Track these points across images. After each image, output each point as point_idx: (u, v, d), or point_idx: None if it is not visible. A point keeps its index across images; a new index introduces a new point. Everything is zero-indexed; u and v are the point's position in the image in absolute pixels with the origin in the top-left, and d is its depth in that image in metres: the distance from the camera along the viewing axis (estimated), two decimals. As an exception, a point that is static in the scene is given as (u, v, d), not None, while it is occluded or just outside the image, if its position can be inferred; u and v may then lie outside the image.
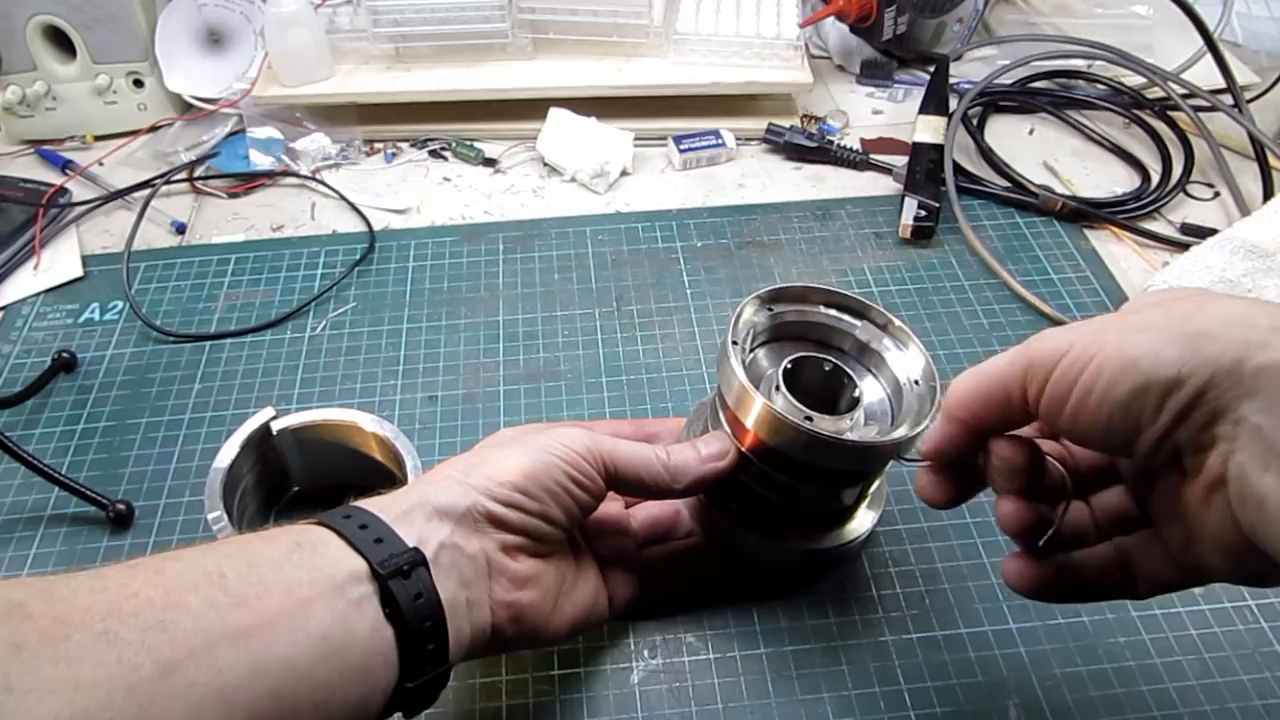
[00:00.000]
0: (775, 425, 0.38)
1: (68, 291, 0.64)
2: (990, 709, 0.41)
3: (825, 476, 0.40)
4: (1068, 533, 0.34)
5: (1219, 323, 0.27)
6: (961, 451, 0.33)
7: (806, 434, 0.37)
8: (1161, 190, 0.69)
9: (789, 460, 0.39)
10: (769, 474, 0.40)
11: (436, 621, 0.33)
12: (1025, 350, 0.30)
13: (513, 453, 0.37)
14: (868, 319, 0.43)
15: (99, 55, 0.74)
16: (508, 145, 0.76)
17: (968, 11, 0.83)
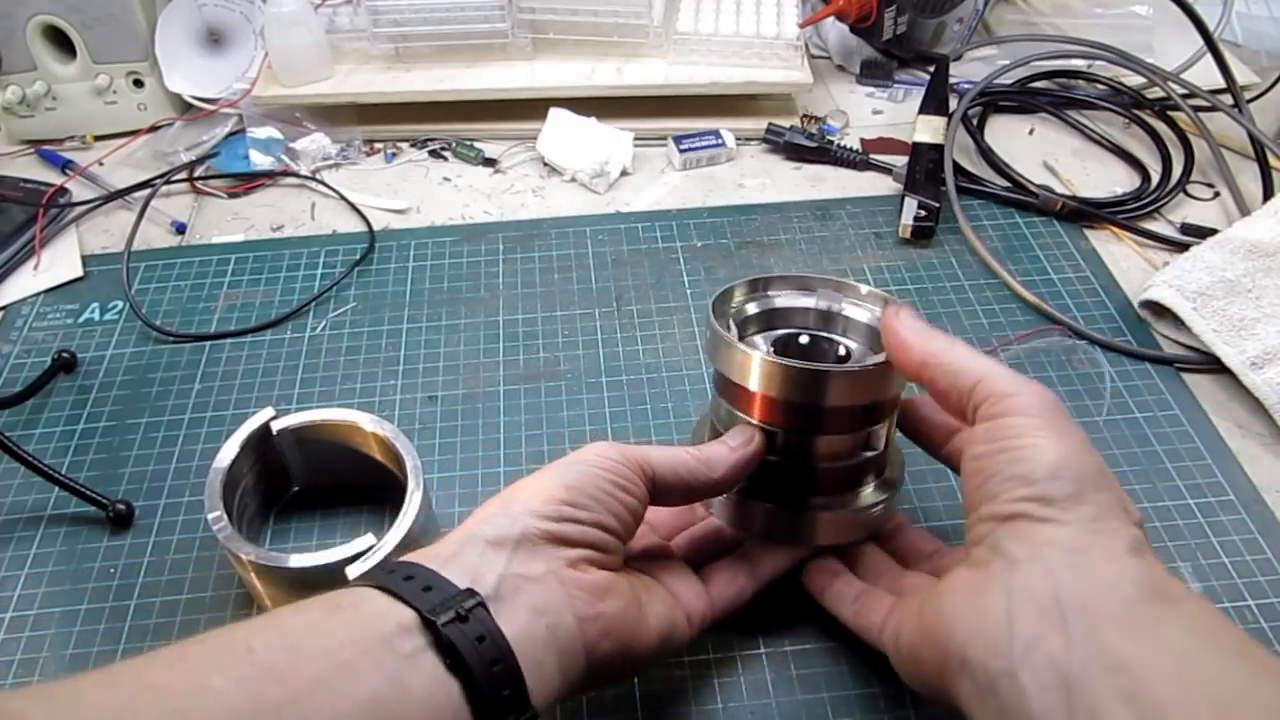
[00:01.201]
0: (783, 374, 0.39)
1: (68, 291, 0.64)
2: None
3: (841, 418, 0.40)
4: None
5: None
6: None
7: (811, 372, 0.38)
8: (1161, 190, 0.69)
9: (803, 412, 0.40)
10: (789, 437, 0.41)
11: (507, 664, 0.29)
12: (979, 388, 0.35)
13: (547, 474, 0.36)
14: (820, 291, 0.45)
15: (99, 55, 0.74)
16: (508, 145, 0.76)
17: (968, 11, 0.83)
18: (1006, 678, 0.29)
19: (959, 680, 0.31)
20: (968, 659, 0.30)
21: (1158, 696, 0.26)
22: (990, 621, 0.30)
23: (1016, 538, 0.31)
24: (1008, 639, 0.29)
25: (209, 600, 0.46)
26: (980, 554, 0.32)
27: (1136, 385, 0.55)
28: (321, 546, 0.41)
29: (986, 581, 0.31)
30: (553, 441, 0.53)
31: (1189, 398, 0.55)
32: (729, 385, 0.41)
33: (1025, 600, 0.29)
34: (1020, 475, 0.31)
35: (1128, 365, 0.57)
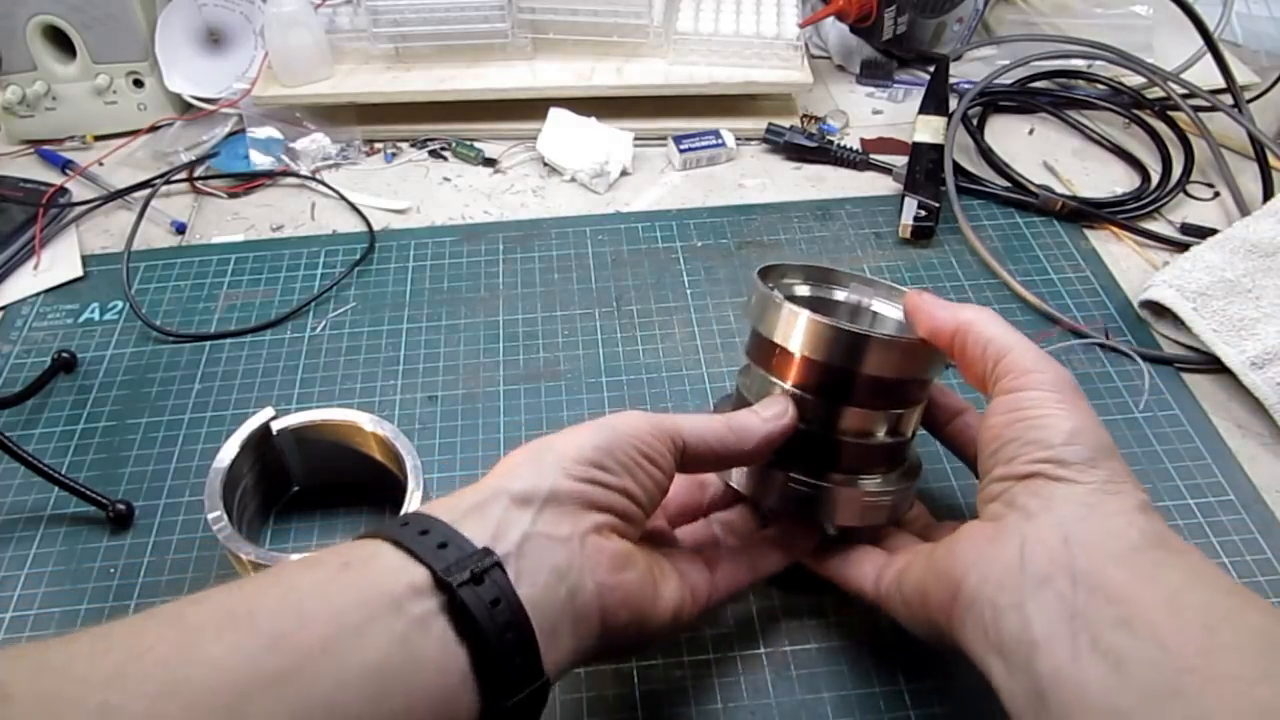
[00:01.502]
0: (827, 335, 0.39)
1: (68, 291, 0.64)
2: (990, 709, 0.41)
3: (875, 390, 0.40)
4: None
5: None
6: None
7: (856, 334, 0.38)
8: (1161, 190, 0.69)
9: (840, 378, 0.40)
10: (821, 406, 0.40)
11: (522, 631, 0.29)
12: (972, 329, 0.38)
13: (580, 433, 0.34)
14: (850, 286, 0.46)
15: (99, 55, 0.74)
16: (508, 145, 0.76)
17: (968, 11, 0.83)
18: (1014, 609, 0.30)
19: (965, 618, 0.32)
20: (978, 597, 0.32)
21: (1151, 619, 0.28)
22: (1002, 564, 0.32)
23: (1032, 494, 0.33)
24: (1018, 577, 0.31)
25: (209, 600, 0.46)
26: (995, 509, 0.34)
27: (1136, 385, 0.55)
28: (322, 546, 0.41)
29: (1001, 531, 0.33)
30: (553, 441, 0.53)
31: (1189, 398, 0.55)
32: (767, 347, 0.41)
33: (1037, 545, 0.31)
34: (1037, 440, 0.33)
35: (1128, 365, 0.57)
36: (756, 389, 0.42)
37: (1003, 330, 0.37)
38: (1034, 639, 0.29)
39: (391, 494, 0.45)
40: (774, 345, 0.41)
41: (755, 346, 0.43)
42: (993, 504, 0.34)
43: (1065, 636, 0.29)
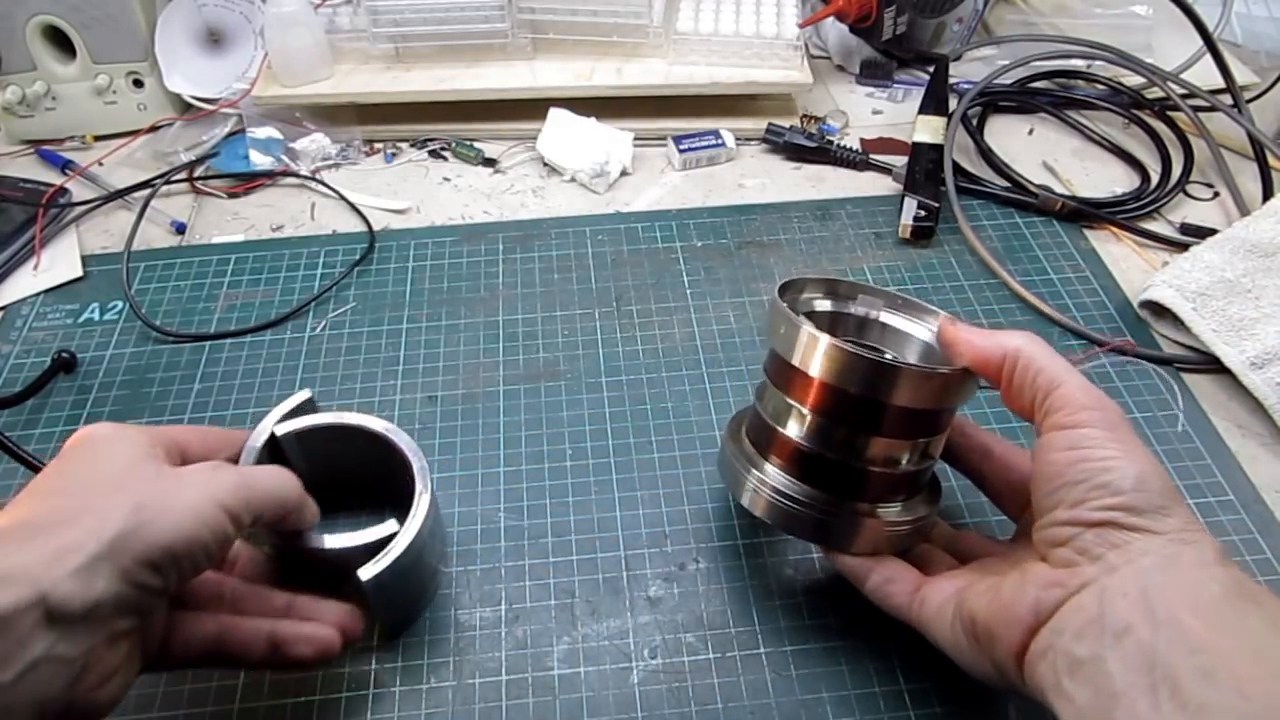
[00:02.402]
0: (852, 364, 0.37)
1: (68, 291, 0.64)
2: (990, 709, 0.42)
3: (902, 420, 0.39)
4: None
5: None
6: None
7: (884, 365, 0.37)
8: (1161, 190, 0.69)
9: (864, 408, 0.38)
10: (843, 434, 0.39)
11: None
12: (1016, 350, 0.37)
13: (164, 516, 0.32)
14: (871, 302, 0.45)
15: (99, 55, 0.74)
16: (508, 145, 0.76)
17: (967, 11, 0.83)
18: (1093, 661, 0.31)
19: (1036, 664, 0.33)
20: (1052, 646, 0.32)
21: (1233, 670, 0.28)
22: (1081, 615, 0.32)
23: (1108, 543, 0.33)
24: (1097, 628, 0.31)
25: (209, 600, 0.46)
26: (1065, 554, 0.34)
27: (1136, 385, 0.55)
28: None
29: (1075, 578, 0.33)
30: (553, 441, 0.53)
31: (1189, 398, 0.55)
32: (786, 371, 0.40)
33: (1118, 597, 0.31)
34: (1105, 485, 0.33)
35: (1127, 365, 0.57)
36: (774, 411, 0.41)
37: (1052, 359, 0.37)
38: (1114, 690, 0.30)
39: (393, 496, 0.45)
40: (795, 370, 0.39)
41: (775, 368, 0.41)
42: (1061, 548, 0.34)
43: (1145, 687, 0.29)
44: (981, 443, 0.43)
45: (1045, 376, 0.36)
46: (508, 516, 0.49)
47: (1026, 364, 0.37)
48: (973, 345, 0.38)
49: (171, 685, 0.43)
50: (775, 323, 0.40)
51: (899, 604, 0.39)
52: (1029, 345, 0.37)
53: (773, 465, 0.42)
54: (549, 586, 0.46)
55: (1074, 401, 0.35)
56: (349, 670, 0.43)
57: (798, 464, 0.41)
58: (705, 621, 0.45)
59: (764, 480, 0.41)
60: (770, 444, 0.42)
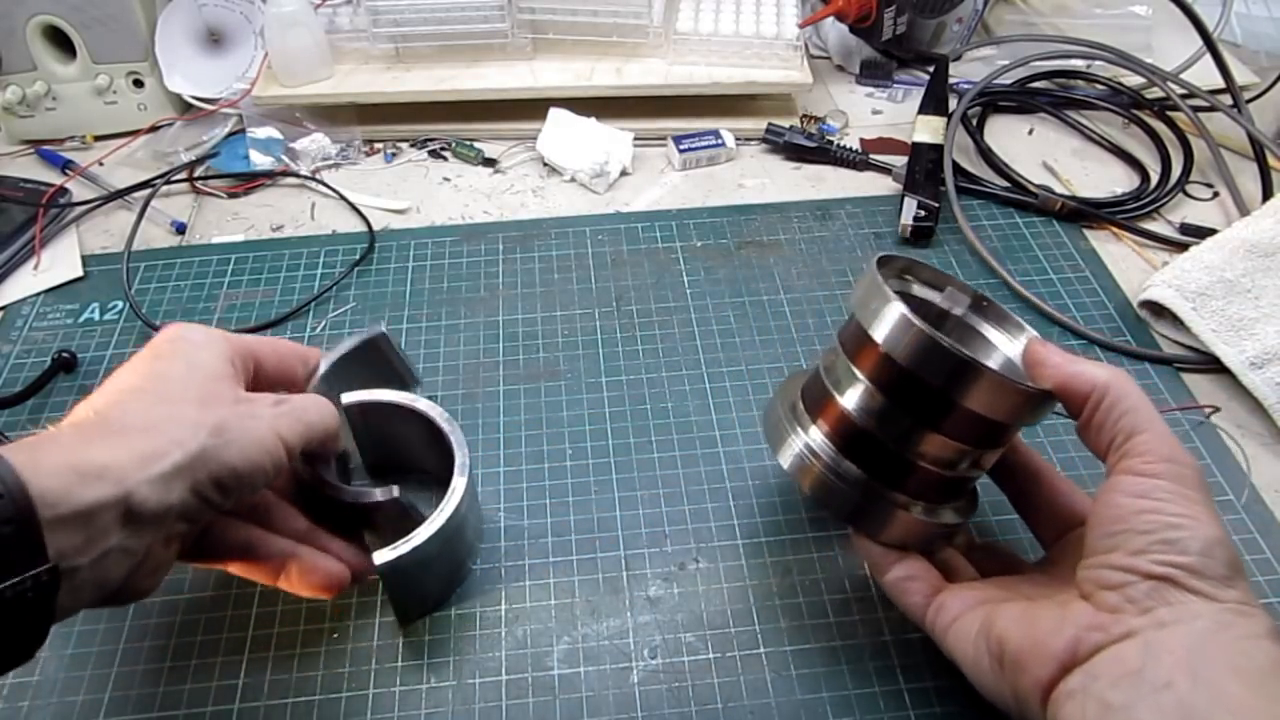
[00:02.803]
0: (938, 355, 0.36)
1: (68, 291, 0.64)
2: (990, 709, 0.41)
3: (969, 424, 0.37)
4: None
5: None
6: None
7: (970, 364, 0.35)
8: (1161, 190, 0.69)
9: (933, 400, 0.37)
10: (904, 421, 0.38)
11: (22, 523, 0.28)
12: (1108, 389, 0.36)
13: (234, 443, 0.34)
14: (956, 292, 0.43)
15: (99, 55, 0.74)
16: (508, 145, 0.76)
17: (967, 11, 0.83)
18: (1124, 710, 0.30)
19: (1064, 703, 0.32)
20: (1086, 689, 0.32)
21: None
22: (1121, 664, 0.32)
23: (1163, 599, 0.32)
24: (1136, 680, 0.31)
25: (209, 600, 0.46)
26: (1113, 600, 0.33)
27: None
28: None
29: (1117, 626, 0.32)
30: (552, 441, 0.53)
31: (1189, 398, 0.55)
32: (864, 344, 0.38)
33: (1165, 654, 0.31)
34: (1172, 541, 0.33)
35: (1127, 365, 0.57)
36: (839, 380, 0.40)
37: (1142, 402, 0.36)
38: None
39: (444, 482, 0.45)
40: (874, 346, 0.38)
41: (852, 339, 0.40)
42: (1109, 592, 0.33)
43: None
44: (1032, 464, 0.42)
45: (1131, 420, 0.35)
46: (508, 516, 0.50)
47: (1114, 402, 0.36)
48: (1061, 370, 0.37)
49: (171, 685, 0.43)
50: (867, 294, 0.39)
51: (914, 603, 0.39)
52: (1120, 383, 0.36)
53: (820, 432, 0.40)
54: (549, 586, 0.46)
55: (1155, 451, 0.35)
56: (349, 670, 0.43)
57: (848, 438, 0.39)
58: (705, 621, 0.45)
59: (809, 445, 0.40)
60: (824, 411, 0.40)
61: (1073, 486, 0.41)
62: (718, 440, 0.53)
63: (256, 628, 0.45)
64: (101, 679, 0.43)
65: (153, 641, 0.45)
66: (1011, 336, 0.43)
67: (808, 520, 0.49)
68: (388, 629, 0.45)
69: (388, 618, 0.45)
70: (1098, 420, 0.36)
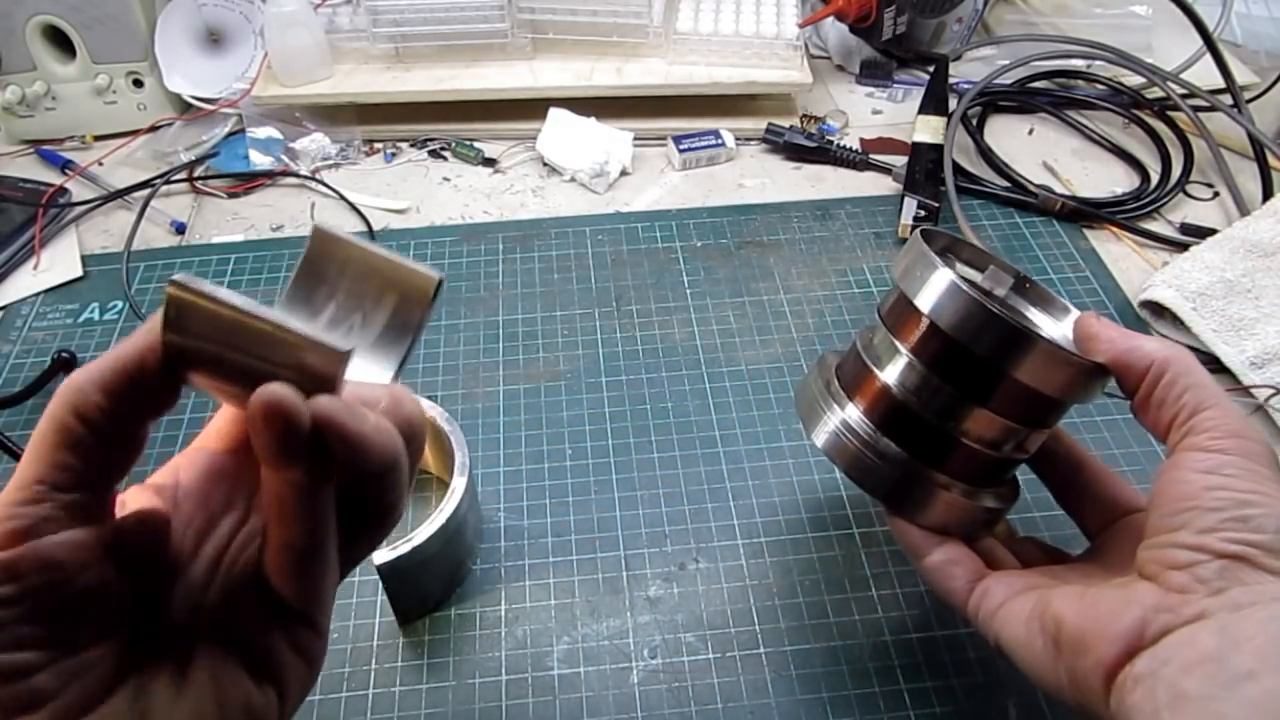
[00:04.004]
0: (987, 322, 0.34)
1: (68, 291, 0.64)
2: (990, 709, 0.42)
3: (1014, 398, 0.36)
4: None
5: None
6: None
7: (1025, 333, 0.34)
8: (1161, 190, 0.69)
9: (980, 371, 0.35)
10: (949, 395, 0.36)
11: None
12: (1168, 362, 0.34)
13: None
14: (1000, 271, 0.41)
15: (99, 55, 0.74)
16: (508, 145, 0.76)
17: (967, 11, 0.83)
18: (1204, 702, 0.29)
19: (1133, 689, 0.30)
20: (1155, 675, 0.30)
21: None
22: (1195, 649, 0.30)
23: (1236, 580, 0.30)
24: (1214, 668, 0.29)
25: (209, 600, 0.46)
26: (1181, 579, 0.31)
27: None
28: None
29: (1187, 607, 0.31)
30: (552, 441, 0.53)
31: (1189, 398, 0.55)
32: (908, 314, 0.37)
33: (1244, 640, 0.29)
34: (1245, 519, 0.31)
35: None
36: (879, 354, 0.38)
37: (1206, 378, 0.34)
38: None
39: (435, 474, 0.45)
40: (919, 315, 0.36)
41: (895, 310, 0.38)
42: (1177, 572, 0.31)
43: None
44: (1075, 454, 0.41)
45: (1195, 395, 0.34)
46: (508, 516, 0.50)
47: (1175, 377, 0.34)
48: (1117, 345, 0.35)
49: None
50: (912, 264, 0.37)
51: (956, 588, 0.37)
52: (1182, 358, 0.34)
53: (858, 409, 0.38)
54: (549, 586, 0.46)
55: (1223, 427, 0.33)
56: (349, 670, 0.43)
57: (887, 414, 0.38)
58: (705, 621, 0.45)
59: (846, 422, 0.38)
60: (863, 387, 0.39)
61: (1117, 476, 0.40)
62: (718, 440, 0.53)
63: (256, 628, 0.45)
64: (101, 679, 0.43)
65: (152, 641, 0.45)
66: (1056, 319, 0.41)
67: (808, 520, 0.49)
68: (388, 629, 0.45)
69: (388, 618, 0.45)
70: (1158, 396, 0.34)
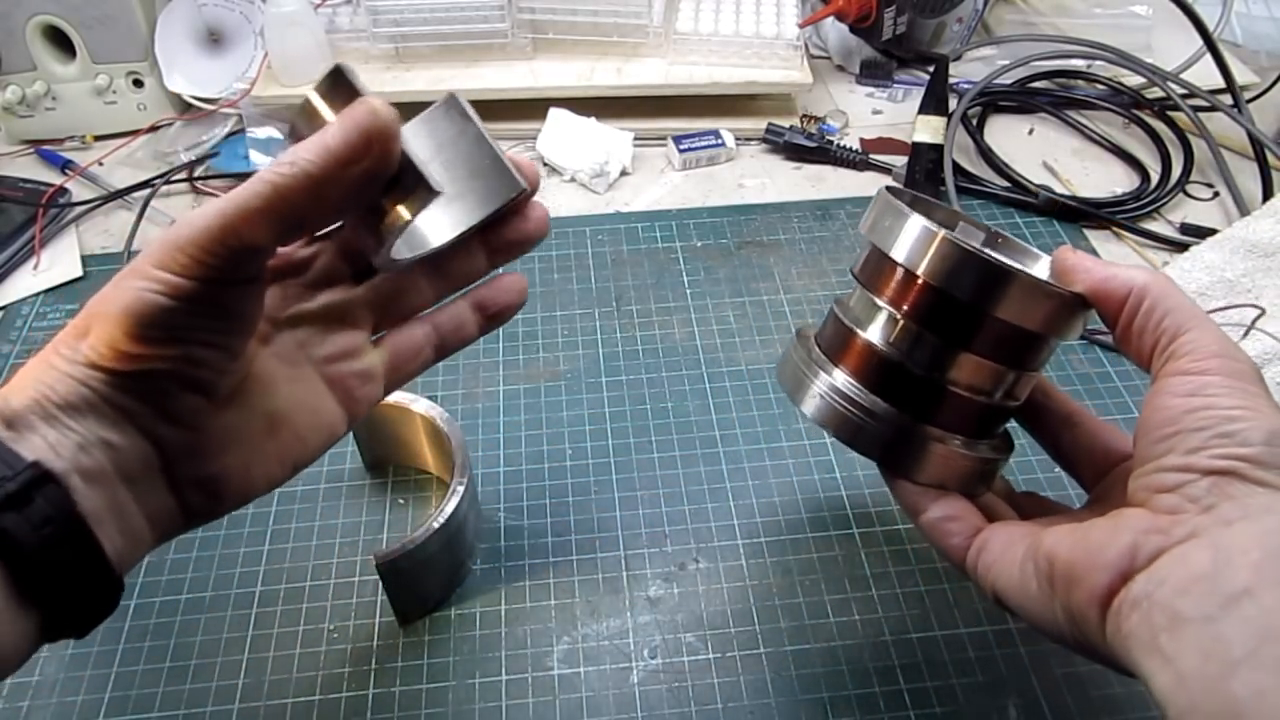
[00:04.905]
0: (963, 261, 0.34)
1: (68, 291, 0.64)
2: (990, 709, 0.42)
3: (999, 338, 0.35)
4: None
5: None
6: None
7: (998, 267, 0.33)
8: (1161, 190, 0.69)
9: (963, 315, 0.35)
10: (934, 343, 0.36)
11: (86, 554, 0.26)
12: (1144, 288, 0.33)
13: (111, 301, 0.27)
14: (969, 227, 0.40)
15: (99, 55, 0.74)
16: (507, 145, 0.76)
17: (967, 11, 0.83)
18: (1204, 622, 0.27)
19: (1128, 616, 0.29)
20: (1149, 599, 0.29)
21: None
22: (1188, 569, 0.28)
23: (1225, 494, 0.29)
24: (1209, 587, 0.28)
25: (209, 600, 0.46)
26: (1170, 501, 0.30)
27: (1137, 385, 0.55)
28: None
29: (1178, 527, 0.29)
30: (552, 441, 0.53)
31: (1189, 398, 0.55)
32: (884, 267, 0.36)
33: (1238, 555, 0.28)
34: (1230, 434, 0.30)
35: (1128, 365, 0.57)
36: (858, 314, 0.38)
37: (1185, 302, 0.33)
38: (1232, 657, 0.27)
39: (435, 474, 0.45)
40: (895, 266, 0.36)
41: (869, 266, 0.38)
42: (1166, 495, 0.30)
43: (1273, 657, 0.26)
44: (1065, 407, 0.40)
45: (1174, 319, 0.33)
46: (508, 516, 0.49)
47: (1154, 303, 0.33)
48: (1094, 274, 0.34)
49: (171, 685, 0.43)
50: (880, 215, 0.37)
51: (955, 545, 0.36)
52: (1159, 283, 0.33)
53: (843, 372, 0.38)
54: (549, 586, 0.46)
55: (1204, 348, 0.32)
56: (349, 670, 0.43)
57: (874, 372, 0.37)
58: (705, 621, 0.45)
59: (833, 386, 0.37)
60: (846, 349, 0.38)
61: (1110, 425, 0.39)
62: (718, 440, 0.53)
63: (256, 628, 0.45)
64: (101, 679, 0.43)
65: (153, 641, 0.45)
66: (1030, 267, 0.40)
67: (808, 520, 0.49)
68: (388, 629, 0.45)
69: (388, 618, 0.45)
70: (1138, 324, 0.34)
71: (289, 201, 0.27)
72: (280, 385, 0.32)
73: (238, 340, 0.30)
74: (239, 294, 0.29)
